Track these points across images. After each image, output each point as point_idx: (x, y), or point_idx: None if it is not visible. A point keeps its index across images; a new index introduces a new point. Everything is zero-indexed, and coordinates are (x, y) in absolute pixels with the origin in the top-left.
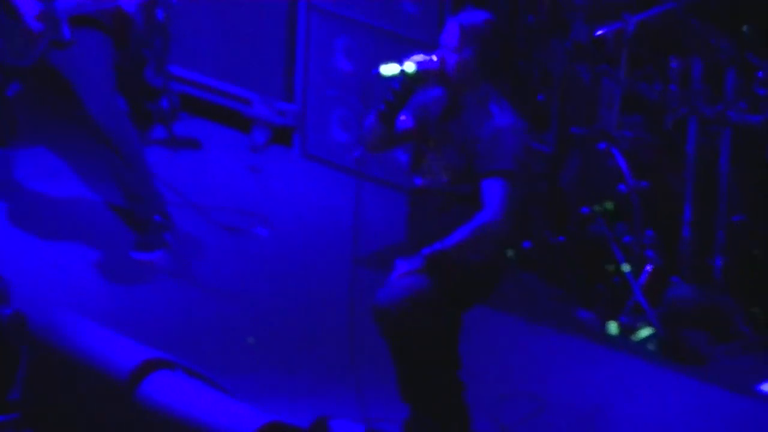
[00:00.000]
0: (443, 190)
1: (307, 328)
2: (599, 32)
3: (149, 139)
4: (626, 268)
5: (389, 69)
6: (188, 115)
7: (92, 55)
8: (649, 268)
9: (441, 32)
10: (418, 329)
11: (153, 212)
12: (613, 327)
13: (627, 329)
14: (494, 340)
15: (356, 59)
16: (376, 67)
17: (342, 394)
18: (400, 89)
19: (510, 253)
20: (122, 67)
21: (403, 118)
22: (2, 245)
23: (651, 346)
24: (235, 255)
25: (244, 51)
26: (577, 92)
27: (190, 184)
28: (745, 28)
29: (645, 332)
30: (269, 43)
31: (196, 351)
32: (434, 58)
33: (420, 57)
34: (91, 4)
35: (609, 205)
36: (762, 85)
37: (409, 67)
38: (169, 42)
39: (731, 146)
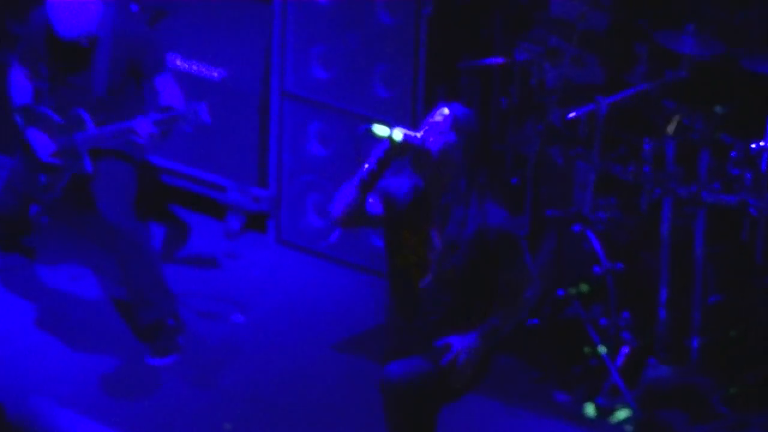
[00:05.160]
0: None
1: (283, 413)
2: (572, 114)
3: None
4: (602, 349)
5: (380, 129)
6: (162, 203)
7: (113, 177)
8: (625, 349)
9: (429, 114)
10: (419, 408)
11: (166, 316)
12: (590, 409)
13: (604, 411)
14: (472, 422)
15: (330, 144)
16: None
17: None
18: (383, 156)
19: None
20: None
21: (371, 200)
22: None
23: (628, 428)
24: (211, 342)
25: (218, 138)
26: (551, 175)
27: (165, 270)
28: (717, 108)
29: (622, 414)
30: (243, 129)
31: None
32: (419, 134)
33: (404, 130)
34: (109, 137)
35: (584, 287)
36: (736, 165)
37: (397, 135)
38: None
39: (706, 227)
